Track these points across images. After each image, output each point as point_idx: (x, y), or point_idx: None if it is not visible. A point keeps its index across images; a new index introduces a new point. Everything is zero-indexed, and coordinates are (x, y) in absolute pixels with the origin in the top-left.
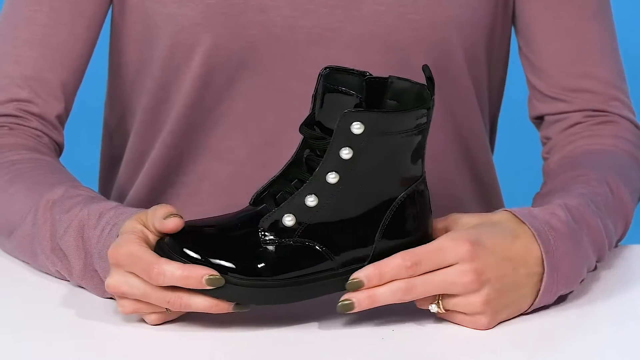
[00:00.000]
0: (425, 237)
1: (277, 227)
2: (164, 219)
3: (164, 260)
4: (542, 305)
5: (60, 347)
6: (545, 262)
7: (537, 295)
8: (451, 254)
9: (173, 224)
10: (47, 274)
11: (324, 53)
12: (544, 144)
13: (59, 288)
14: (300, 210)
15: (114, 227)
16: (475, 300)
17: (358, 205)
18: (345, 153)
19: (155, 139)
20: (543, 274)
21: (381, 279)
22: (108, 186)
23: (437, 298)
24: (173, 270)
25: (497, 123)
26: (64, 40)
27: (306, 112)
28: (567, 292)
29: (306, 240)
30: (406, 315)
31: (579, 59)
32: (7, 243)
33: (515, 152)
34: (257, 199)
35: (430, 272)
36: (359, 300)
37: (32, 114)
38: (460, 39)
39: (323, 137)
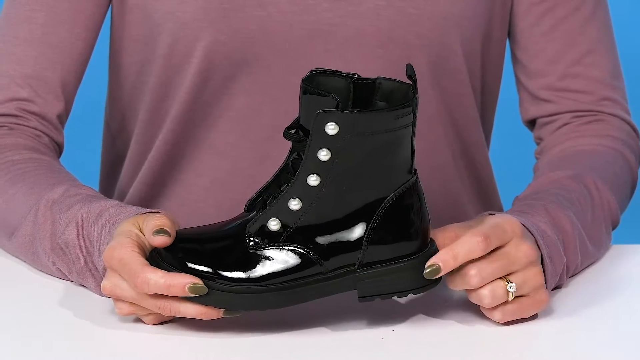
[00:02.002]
0: (423, 241)
1: (263, 232)
2: (153, 233)
3: (149, 268)
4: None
5: (58, 347)
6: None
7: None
8: (507, 229)
9: (160, 241)
10: (49, 274)
11: (324, 48)
12: (537, 144)
13: (58, 287)
14: (284, 214)
15: (114, 224)
16: (534, 271)
17: (344, 207)
18: (323, 155)
19: (156, 136)
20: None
21: (456, 261)
22: (109, 190)
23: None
24: (157, 279)
25: (493, 123)
26: (64, 39)
27: None
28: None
29: (293, 244)
30: (406, 315)
31: (572, 61)
32: (9, 244)
33: (511, 151)
34: (251, 205)
35: (494, 250)
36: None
37: (32, 113)
38: (458, 34)
39: (303, 140)
